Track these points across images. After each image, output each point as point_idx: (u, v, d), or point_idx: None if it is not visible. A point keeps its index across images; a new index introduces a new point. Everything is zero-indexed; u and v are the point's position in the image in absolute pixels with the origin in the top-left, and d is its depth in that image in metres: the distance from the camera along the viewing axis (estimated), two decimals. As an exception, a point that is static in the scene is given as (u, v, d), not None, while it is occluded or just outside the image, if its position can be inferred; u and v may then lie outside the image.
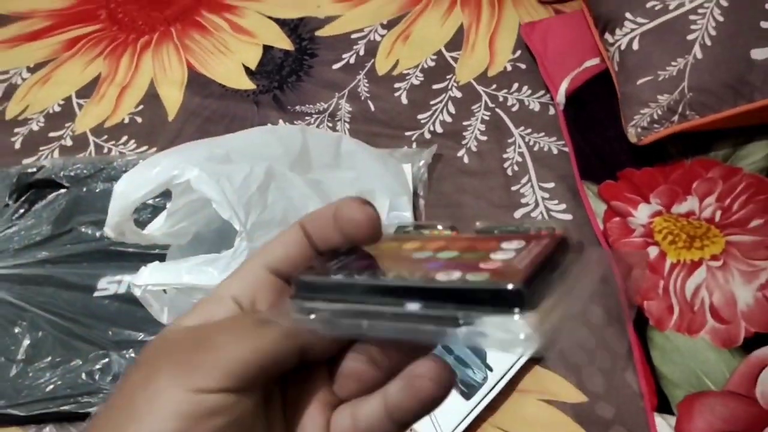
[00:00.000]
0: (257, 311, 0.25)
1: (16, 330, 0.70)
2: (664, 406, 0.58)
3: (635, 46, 0.70)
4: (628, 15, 0.72)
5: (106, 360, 0.66)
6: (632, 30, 0.71)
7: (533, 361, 0.63)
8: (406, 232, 0.28)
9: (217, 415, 0.21)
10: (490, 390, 0.60)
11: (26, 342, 0.69)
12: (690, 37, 0.67)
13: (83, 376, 0.66)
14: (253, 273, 0.25)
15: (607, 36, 0.74)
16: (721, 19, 0.66)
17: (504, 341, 0.21)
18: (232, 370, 0.22)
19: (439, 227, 0.28)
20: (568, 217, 0.72)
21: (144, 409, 0.21)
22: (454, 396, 0.59)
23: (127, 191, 0.58)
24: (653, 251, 0.63)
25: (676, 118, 0.66)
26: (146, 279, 0.55)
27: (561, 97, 0.78)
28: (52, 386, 0.65)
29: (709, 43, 0.66)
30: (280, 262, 0.25)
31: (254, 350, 0.22)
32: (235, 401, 0.22)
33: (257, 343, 0.22)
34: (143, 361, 0.23)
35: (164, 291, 0.58)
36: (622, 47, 0.71)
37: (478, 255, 0.24)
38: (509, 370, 0.61)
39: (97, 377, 0.66)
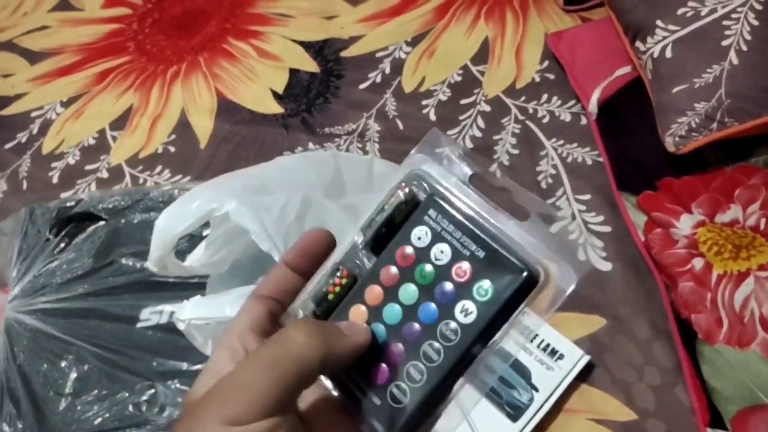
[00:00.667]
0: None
1: (63, 364, 0.71)
2: (717, 421, 0.57)
3: (668, 53, 0.69)
4: (659, 23, 0.70)
5: (152, 391, 0.67)
6: (664, 38, 0.70)
7: (580, 379, 0.62)
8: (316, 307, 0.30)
9: None
10: (537, 411, 0.59)
11: (73, 375, 0.70)
12: (725, 42, 0.65)
13: (130, 408, 0.67)
14: (233, 341, 0.29)
15: (638, 44, 0.73)
16: (756, 23, 0.64)
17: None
18: (265, 400, 0.24)
19: (337, 276, 0.29)
20: (607, 229, 0.71)
21: None
22: (501, 418, 0.59)
23: (168, 226, 0.58)
24: (698, 263, 0.62)
25: (714, 125, 0.65)
26: (189, 314, 0.55)
27: (593, 106, 0.77)
28: (100, 419, 0.67)
29: (744, 48, 0.64)
30: (252, 327, 0.29)
31: (276, 381, 0.24)
32: (279, 422, 0.24)
33: (276, 373, 0.25)
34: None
35: (207, 323, 0.59)
36: (655, 55, 0.70)
37: (427, 277, 0.27)
38: (555, 389, 0.60)
39: (144, 408, 0.66)
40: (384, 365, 0.26)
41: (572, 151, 0.79)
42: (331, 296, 0.28)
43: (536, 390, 0.60)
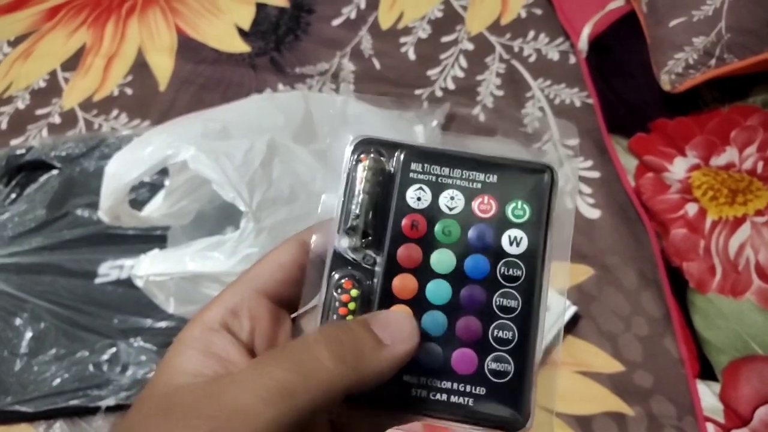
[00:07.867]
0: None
1: (17, 322, 0.67)
2: (707, 372, 0.55)
3: (666, -17, 0.64)
4: (656, -52, 0.65)
5: (114, 350, 0.63)
6: (662, -35, 0.64)
7: (566, 330, 0.59)
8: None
9: None
10: (521, 365, 0.57)
11: (29, 334, 0.66)
12: (728, -31, 0.60)
13: (91, 367, 0.63)
14: (246, 300, 0.22)
15: (633, -27, 0.68)
16: (762, -53, 0.59)
17: None
18: None
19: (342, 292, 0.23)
20: (596, 174, 0.67)
21: None
22: (484, 373, 0.56)
23: (119, 173, 0.53)
24: (692, 208, 0.59)
25: (713, 62, 0.61)
26: (147, 269, 0.51)
27: (583, 43, 0.72)
28: (59, 380, 0.63)
29: (749, -25, 0.60)
30: (277, 286, 0.22)
31: (287, 414, 0.18)
32: None
33: (289, 406, 0.18)
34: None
35: (168, 279, 0.55)
36: (651, -15, 0.65)
37: (452, 232, 0.23)
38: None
39: (105, 368, 0.63)
40: (463, 349, 0.22)
41: (560, 92, 0.74)
42: (350, 318, 0.22)
43: (520, 343, 0.57)
